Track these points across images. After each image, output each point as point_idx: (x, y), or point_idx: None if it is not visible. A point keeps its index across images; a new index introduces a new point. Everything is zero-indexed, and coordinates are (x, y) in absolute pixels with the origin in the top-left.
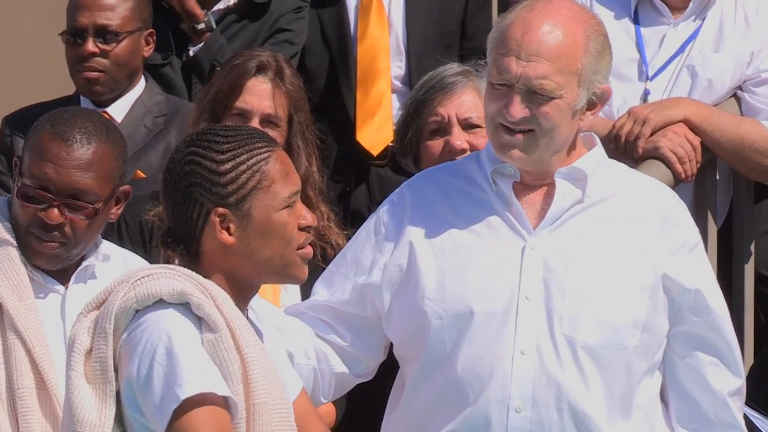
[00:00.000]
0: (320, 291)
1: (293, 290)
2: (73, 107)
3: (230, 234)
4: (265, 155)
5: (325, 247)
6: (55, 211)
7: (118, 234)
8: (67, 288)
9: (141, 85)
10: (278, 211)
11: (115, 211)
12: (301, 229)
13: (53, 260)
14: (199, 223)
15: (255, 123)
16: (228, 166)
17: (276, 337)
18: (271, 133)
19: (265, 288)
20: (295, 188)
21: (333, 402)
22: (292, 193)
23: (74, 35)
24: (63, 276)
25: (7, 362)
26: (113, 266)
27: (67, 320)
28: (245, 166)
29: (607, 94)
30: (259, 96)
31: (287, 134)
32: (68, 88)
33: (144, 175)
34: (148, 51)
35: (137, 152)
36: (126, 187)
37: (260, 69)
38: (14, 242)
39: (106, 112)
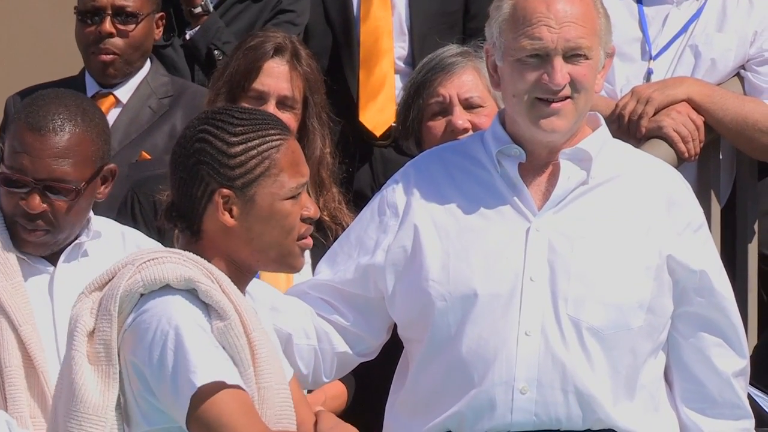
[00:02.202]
0: (323, 270)
1: (305, 271)
2: (48, 90)
3: (232, 216)
4: (277, 143)
5: (337, 228)
6: (36, 199)
7: (131, 214)
8: (56, 267)
9: (146, 66)
10: (282, 201)
11: (103, 191)
12: (303, 219)
13: (41, 247)
14: (202, 201)
15: (271, 105)
16: (239, 149)
17: (270, 320)
18: (287, 114)
19: None
20: (303, 179)
21: (344, 383)
22: (299, 185)
23: (89, 15)
24: (53, 255)
25: None
26: (107, 243)
27: (56, 299)
28: (256, 151)
29: (613, 52)
30: (276, 78)
31: (302, 116)
32: (72, 69)
33: (149, 157)
34: (158, 34)
35: (142, 134)
36: (111, 165)
37: (277, 51)
38: (2, 223)
39: (112, 94)
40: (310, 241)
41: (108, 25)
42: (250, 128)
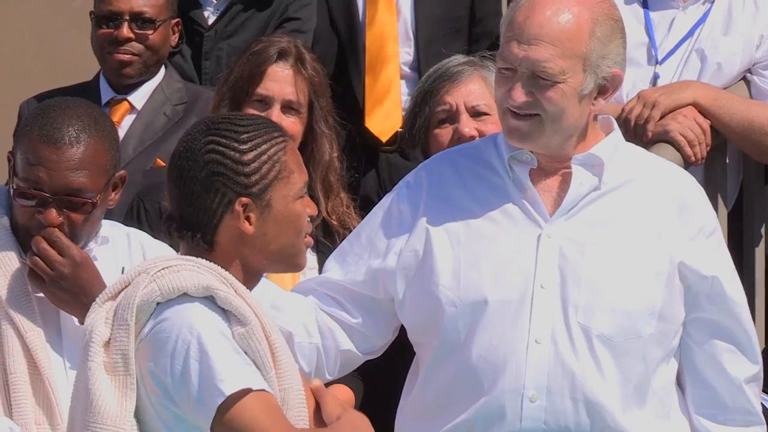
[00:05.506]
0: (332, 268)
1: (311, 270)
2: (57, 100)
3: (250, 224)
4: (283, 145)
5: (345, 233)
6: (53, 212)
7: (137, 220)
8: None
9: (161, 73)
10: (294, 201)
11: (113, 197)
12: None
13: None
14: (218, 212)
15: (276, 109)
16: (251, 155)
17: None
18: (292, 119)
19: None
20: (306, 178)
21: (352, 388)
22: (305, 183)
23: (106, 20)
24: None
25: (0, 348)
26: (114, 247)
27: None
28: (266, 156)
29: (619, 79)
30: (281, 82)
31: (309, 120)
32: (82, 75)
33: (164, 164)
34: (174, 40)
35: (157, 140)
36: (122, 172)
37: (281, 55)
38: (9, 229)
39: (126, 100)
40: (311, 239)
41: (126, 30)
42: (256, 134)
